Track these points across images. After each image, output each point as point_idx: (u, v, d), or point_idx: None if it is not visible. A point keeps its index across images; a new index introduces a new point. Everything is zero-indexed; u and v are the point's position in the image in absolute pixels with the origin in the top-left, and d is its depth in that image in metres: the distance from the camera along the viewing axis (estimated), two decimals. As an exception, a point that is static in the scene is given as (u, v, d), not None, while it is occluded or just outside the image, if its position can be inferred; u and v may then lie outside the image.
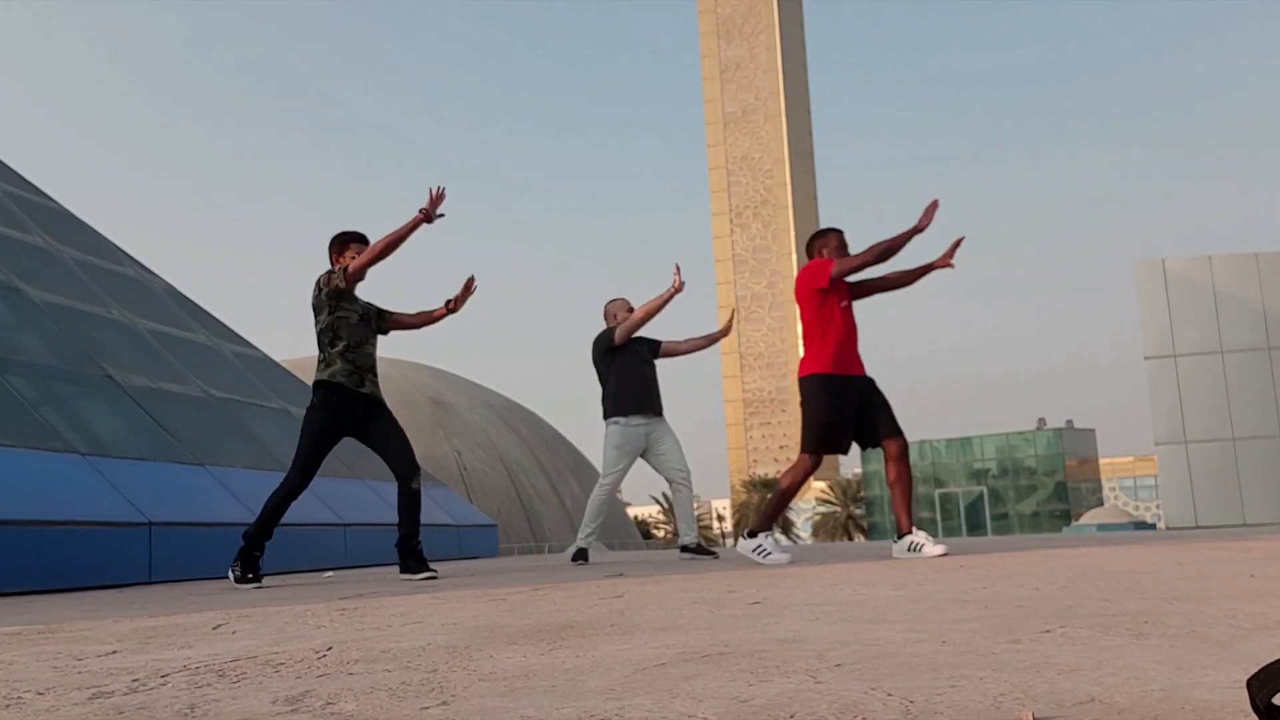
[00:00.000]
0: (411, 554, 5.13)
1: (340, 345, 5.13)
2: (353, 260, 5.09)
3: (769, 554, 5.13)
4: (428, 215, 4.98)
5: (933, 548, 4.93)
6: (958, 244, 5.18)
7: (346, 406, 5.15)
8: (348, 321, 5.14)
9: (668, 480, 6.59)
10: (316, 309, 5.19)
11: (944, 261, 5.17)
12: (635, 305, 6.60)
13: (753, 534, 5.21)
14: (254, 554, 5.08)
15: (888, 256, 5.02)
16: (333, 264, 5.22)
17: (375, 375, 5.27)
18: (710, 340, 6.71)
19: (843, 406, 5.10)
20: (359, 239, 5.23)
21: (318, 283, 5.19)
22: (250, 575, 5.03)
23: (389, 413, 5.28)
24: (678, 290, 6.25)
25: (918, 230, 5.01)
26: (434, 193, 4.97)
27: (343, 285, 5.13)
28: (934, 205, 5.02)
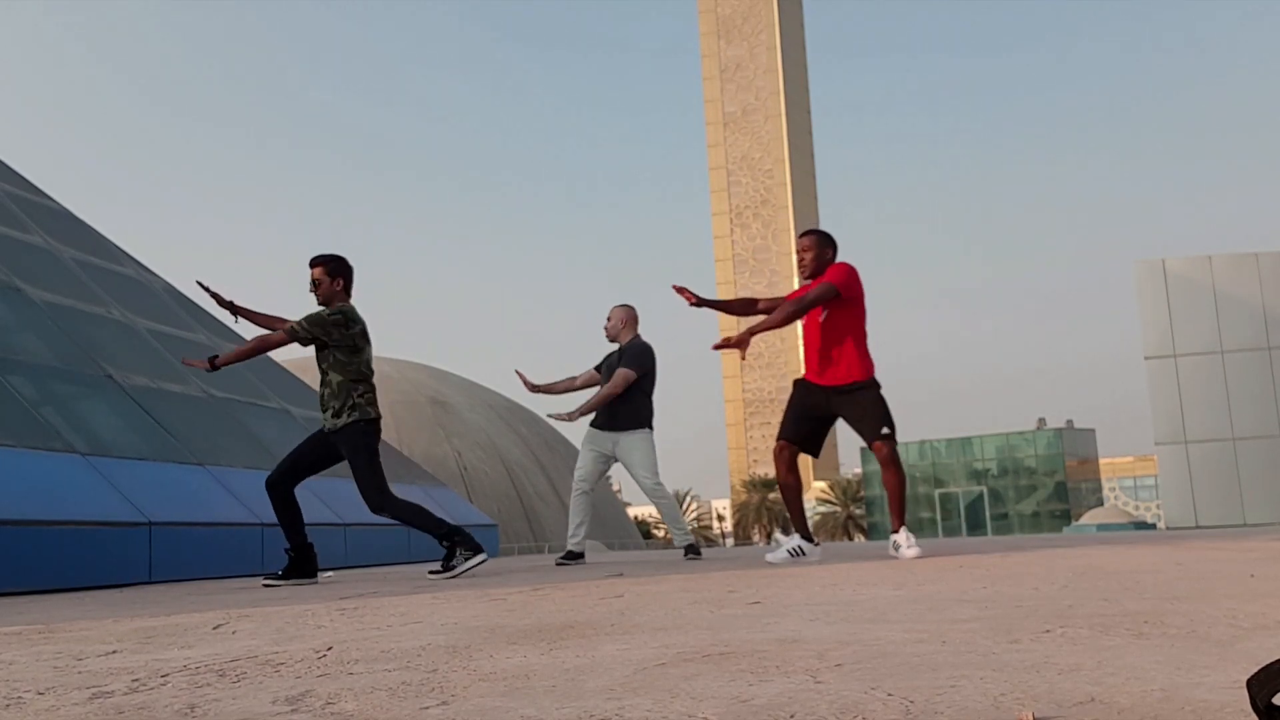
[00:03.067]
0: (446, 548, 5.15)
1: None
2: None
3: (775, 550, 5.23)
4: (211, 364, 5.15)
5: (908, 550, 4.95)
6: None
7: (322, 436, 5.27)
8: None
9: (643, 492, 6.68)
10: None
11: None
12: (638, 313, 6.73)
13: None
14: (290, 554, 5.16)
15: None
16: None
17: (323, 408, 5.23)
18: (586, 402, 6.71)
19: (800, 404, 5.25)
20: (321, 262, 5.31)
21: None
22: (281, 573, 5.13)
23: (348, 445, 5.20)
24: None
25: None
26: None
27: None
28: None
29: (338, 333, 5.12)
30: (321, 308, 5.21)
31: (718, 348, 5.16)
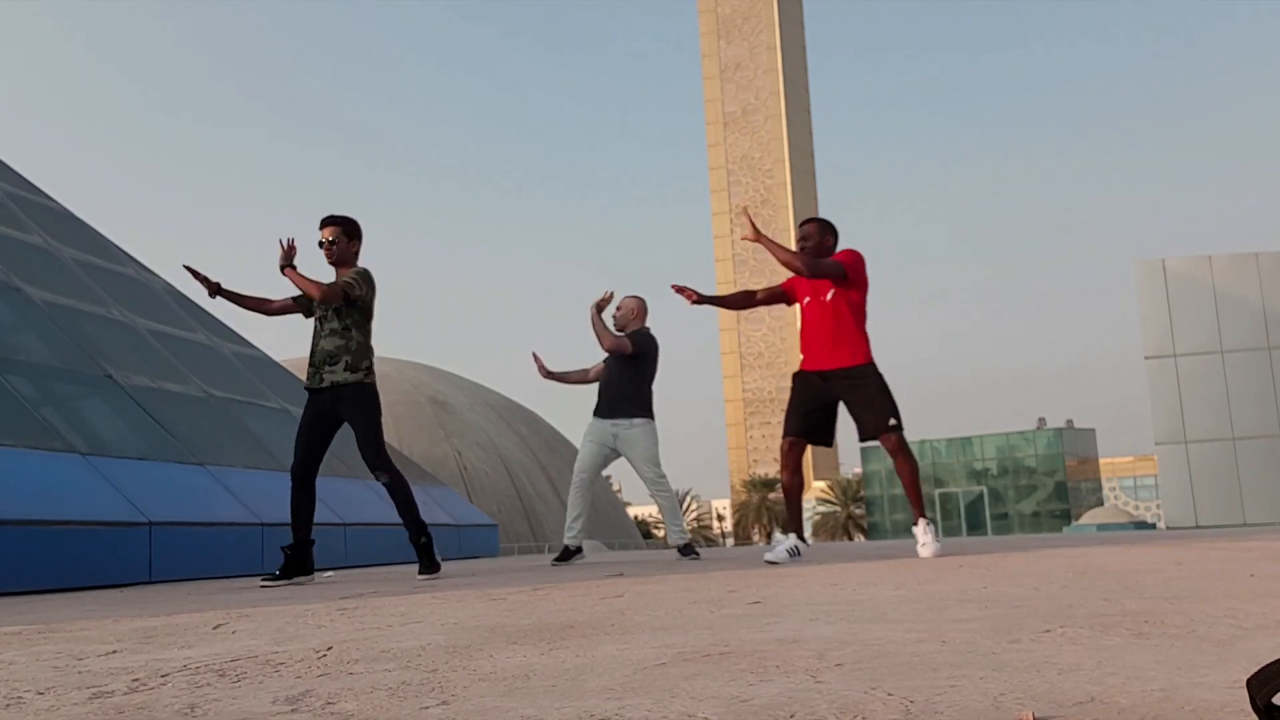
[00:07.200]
0: (418, 550, 5.11)
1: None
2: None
3: (773, 548, 5.22)
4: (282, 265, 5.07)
5: (923, 548, 4.96)
6: (743, 211, 5.39)
7: (313, 402, 5.18)
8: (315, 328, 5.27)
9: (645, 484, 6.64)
10: None
11: (749, 236, 5.25)
12: (648, 306, 6.76)
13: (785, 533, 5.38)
14: (287, 552, 5.12)
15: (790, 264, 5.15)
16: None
17: (333, 362, 5.08)
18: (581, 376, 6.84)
19: (801, 398, 5.21)
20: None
21: None
22: (278, 572, 5.08)
23: (358, 403, 5.11)
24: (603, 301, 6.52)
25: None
26: (284, 244, 5.07)
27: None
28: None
29: (371, 294, 5.15)
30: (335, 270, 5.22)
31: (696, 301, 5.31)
